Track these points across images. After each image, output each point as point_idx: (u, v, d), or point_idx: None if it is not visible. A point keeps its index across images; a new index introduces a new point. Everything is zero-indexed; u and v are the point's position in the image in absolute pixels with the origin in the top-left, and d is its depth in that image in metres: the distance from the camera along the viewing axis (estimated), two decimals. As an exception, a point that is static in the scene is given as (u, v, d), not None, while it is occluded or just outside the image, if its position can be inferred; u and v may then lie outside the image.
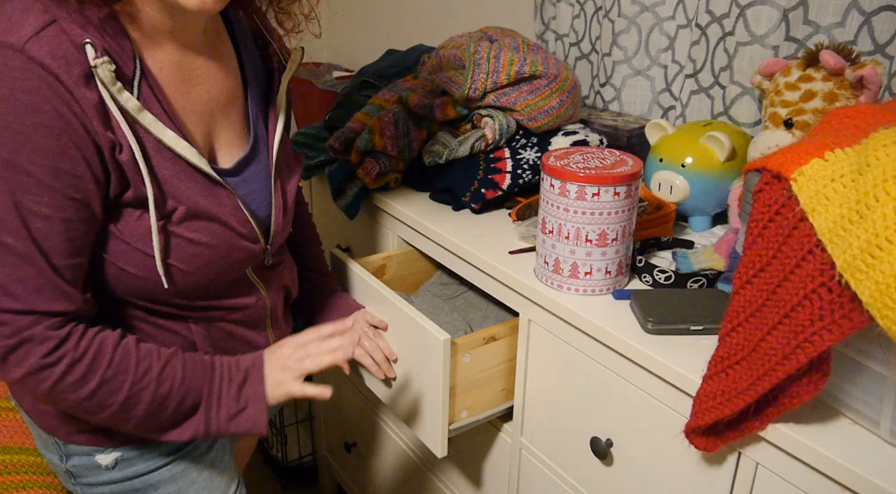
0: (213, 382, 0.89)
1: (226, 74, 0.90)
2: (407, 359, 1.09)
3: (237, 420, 0.90)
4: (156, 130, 0.78)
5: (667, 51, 1.42)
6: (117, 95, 0.74)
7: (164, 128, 0.79)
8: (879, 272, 0.58)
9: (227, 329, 0.95)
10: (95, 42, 0.73)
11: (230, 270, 0.91)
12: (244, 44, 0.94)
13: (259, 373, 0.93)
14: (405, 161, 1.32)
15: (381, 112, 1.33)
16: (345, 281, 1.24)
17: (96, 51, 0.72)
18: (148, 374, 0.83)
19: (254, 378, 0.92)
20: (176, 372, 0.86)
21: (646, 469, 0.92)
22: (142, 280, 0.83)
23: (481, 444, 1.24)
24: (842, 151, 0.67)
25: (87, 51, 0.72)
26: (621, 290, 0.99)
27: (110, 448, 0.93)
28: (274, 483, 2.09)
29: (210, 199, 0.84)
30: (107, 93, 0.74)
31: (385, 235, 1.39)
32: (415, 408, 1.11)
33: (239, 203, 0.88)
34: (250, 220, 0.90)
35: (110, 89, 0.74)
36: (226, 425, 0.90)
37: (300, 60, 0.98)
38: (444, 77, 1.31)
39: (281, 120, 0.95)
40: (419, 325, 1.03)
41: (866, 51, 1.11)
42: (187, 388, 0.87)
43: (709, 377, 0.76)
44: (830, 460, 0.69)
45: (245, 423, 0.90)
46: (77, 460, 0.94)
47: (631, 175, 0.92)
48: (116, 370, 0.81)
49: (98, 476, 0.95)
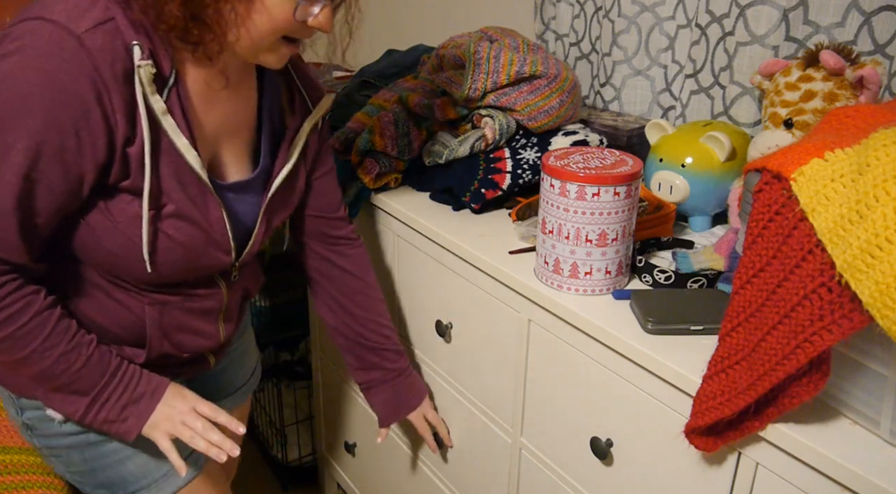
0: (108, 387, 0.94)
1: (244, 105, 0.98)
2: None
3: (111, 425, 0.95)
4: (172, 135, 0.86)
5: (667, 51, 1.42)
6: (149, 96, 0.82)
7: (179, 134, 0.86)
8: (879, 272, 0.58)
9: (179, 317, 1.00)
10: (144, 44, 0.81)
11: (196, 271, 0.98)
12: (270, 81, 1.01)
13: (153, 402, 0.97)
14: (405, 161, 1.32)
15: (381, 112, 1.33)
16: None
17: (143, 53, 0.81)
18: (52, 349, 0.88)
19: (146, 403, 0.97)
20: (77, 359, 0.90)
21: (646, 469, 0.92)
22: (115, 257, 0.90)
23: (481, 444, 1.24)
24: (842, 151, 0.67)
25: (134, 51, 0.80)
26: (621, 290, 0.99)
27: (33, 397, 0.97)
28: (274, 483, 2.09)
29: (199, 206, 0.92)
30: (140, 93, 0.82)
31: (385, 235, 1.39)
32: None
33: (224, 215, 0.95)
34: (228, 233, 0.97)
35: (145, 89, 0.82)
36: (99, 424, 0.95)
37: (328, 107, 1.06)
38: (444, 77, 1.31)
39: (293, 159, 1.02)
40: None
41: (866, 51, 1.11)
42: (79, 377, 0.91)
43: (709, 377, 0.76)
44: (830, 460, 0.69)
45: (117, 430, 0.96)
46: (31, 413, 0.99)
47: (631, 175, 0.92)
48: (27, 332, 0.86)
49: (51, 429, 0.99)
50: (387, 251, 1.39)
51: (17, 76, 0.77)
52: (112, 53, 0.79)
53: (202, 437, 0.97)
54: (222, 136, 0.96)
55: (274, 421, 2.04)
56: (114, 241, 0.88)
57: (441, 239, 1.19)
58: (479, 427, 1.23)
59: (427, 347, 1.34)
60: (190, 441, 0.97)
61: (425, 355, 1.35)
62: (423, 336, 1.34)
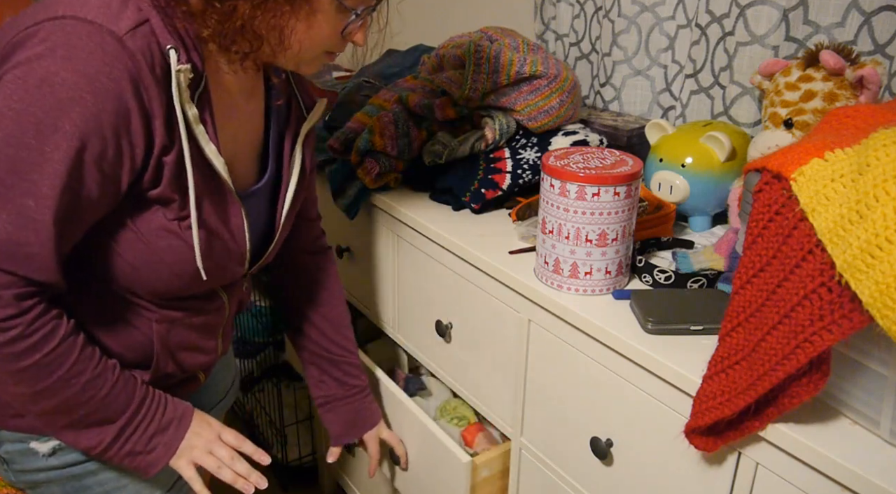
0: (138, 415, 0.90)
1: (255, 110, 0.97)
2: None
3: (135, 458, 0.91)
4: (203, 142, 0.83)
5: (667, 51, 1.42)
6: (185, 102, 0.79)
7: (209, 141, 0.84)
8: (879, 272, 0.58)
9: (184, 335, 0.97)
10: (179, 48, 0.78)
11: (210, 284, 0.95)
12: (276, 88, 1.00)
13: (182, 430, 0.94)
14: (405, 161, 1.32)
15: (381, 112, 1.33)
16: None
17: (179, 57, 0.78)
18: (79, 376, 0.84)
19: (173, 431, 0.93)
20: (104, 385, 0.86)
21: (646, 469, 0.92)
22: (134, 269, 0.86)
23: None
24: (842, 151, 0.67)
25: (171, 55, 0.77)
26: (621, 290, 0.99)
27: (48, 435, 0.92)
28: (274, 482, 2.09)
29: (221, 215, 0.90)
30: (178, 99, 0.78)
31: (385, 235, 1.39)
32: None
33: (245, 223, 0.93)
34: (247, 243, 0.95)
35: (182, 95, 0.79)
36: (122, 458, 0.90)
37: (322, 112, 1.05)
38: (444, 77, 1.31)
39: (297, 164, 1.01)
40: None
41: (866, 51, 1.11)
42: (104, 405, 0.87)
43: (709, 377, 0.76)
44: (830, 460, 0.69)
45: (140, 463, 0.92)
46: (10, 446, 0.93)
47: (631, 175, 0.92)
48: (53, 358, 0.81)
49: (34, 463, 0.93)
50: (387, 251, 1.39)
51: (54, 79, 0.72)
52: (152, 57, 0.76)
53: (229, 467, 0.94)
54: (236, 143, 0.95)
55: (274, 421, 2.04)
56: (135, 253, 0.85)
57: (441, 239, 1.19)
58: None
59: (427, 347, 1.34)
60: (216, 471, 0.94)
61: (425, 355, 1.35)
62: (423, 336, 1.34)
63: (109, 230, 0.84)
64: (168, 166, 0.81)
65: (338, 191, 1.39)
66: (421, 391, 1.47)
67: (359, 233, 1.48)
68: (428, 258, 1.26)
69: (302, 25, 0.82)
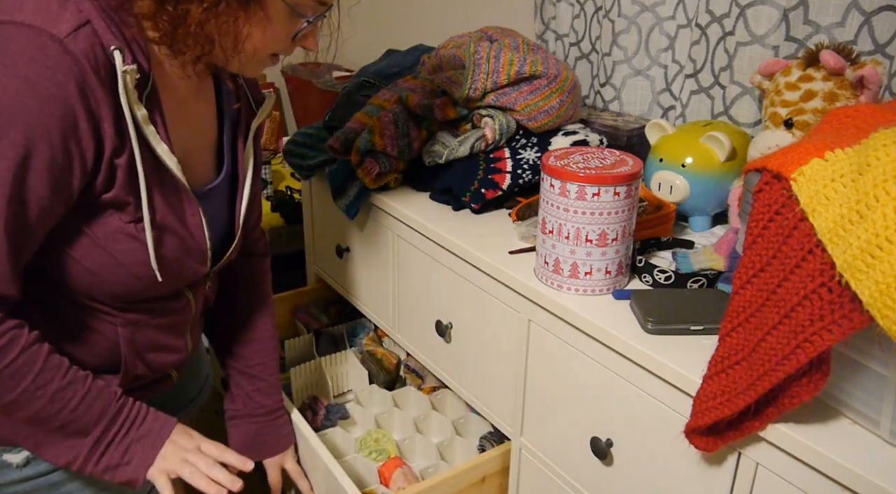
0: (113, 426, 0.89)
1: (206, 108, 0.96)
2: None
3: (115, 471, 0.90)
4: (154, 142, 0.82)
5: (667, 51, 1.42)
6: (133, 103, 0.78)
7: (160, 141, 0.83)
8: (879, 272, 0.58)
9: (151, 335, 0.96)
10: (123, 49, 0.76)
11: (175, 283, 0.94)
12: (224, 83, 0.99)
13: (161, 439, 0.93)
14: (405, 161, 1.32)
15: (381, 112, 1.33)
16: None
17: (124, 58, 0.76)
18: (45, 387, 0.82)
19: (151, 441, 0.92)
20: (73, 396, 0.85)
21: (646, 469, 0.92)
22: (92, 274, 0.85)
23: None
24: (842, 151, 0.67)
25: (115, 56, 0.75)
26: (621, 290, 0.99)
27: (20, 446, 0.90)
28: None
29: (178, 214, 0.89)
30: (125, 100, 0.77)
31: (385, 235, 1.39)
32: None
33: (203, 221, 0.92)
34: (206, 241, 0.94)
35: (129, 97, 0.77)
36: (101, 472, 0.89)
37: (271, 107, 1.03)
38: (444, 77, 1.31)
39: (251, 159, 1.00)
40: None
41: (866, 51, 1.11)
42: (76, 417, 0.86)
43: (709, 377, 0.76)
44: (830, 460, 0.69)
45: (120, 476, 0.91)
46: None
47: (631, 175, 0.92)
48: (15, 370, 0.79)
49: (8, 476, 0.91)
50: (387, 251, 1.39)
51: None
52: (96, 59, 0.74)
53: (205, 474, 0.93)
54: (189, 141, 0.93)
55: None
56: (92, 258, 0.83)
57: (441, 239, 1.19)
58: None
59: (427, 347, 1.34)
60: (189, 477, 0.92)
61: (425, 355, 1.35)
62: (423, 336, 1.34)
63: (65, 237, 0.82)
64: (121, 168, 0.80)
65: (338, 191, 1.39)
66: (343, 420, 1.38)
67: (359, 232, 1.48)
68: (428, 258, 1.26)
69: (255, 30, 0.82)
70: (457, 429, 1.32)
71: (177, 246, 0.90)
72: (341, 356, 1.55)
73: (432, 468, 1.24)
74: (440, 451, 1.28)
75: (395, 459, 1.25)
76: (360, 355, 1.55)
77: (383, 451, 1.31)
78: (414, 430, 1.35)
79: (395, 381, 1.56)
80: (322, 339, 1.62)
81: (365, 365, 1.52)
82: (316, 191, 1.64)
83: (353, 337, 1.64)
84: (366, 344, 1.57)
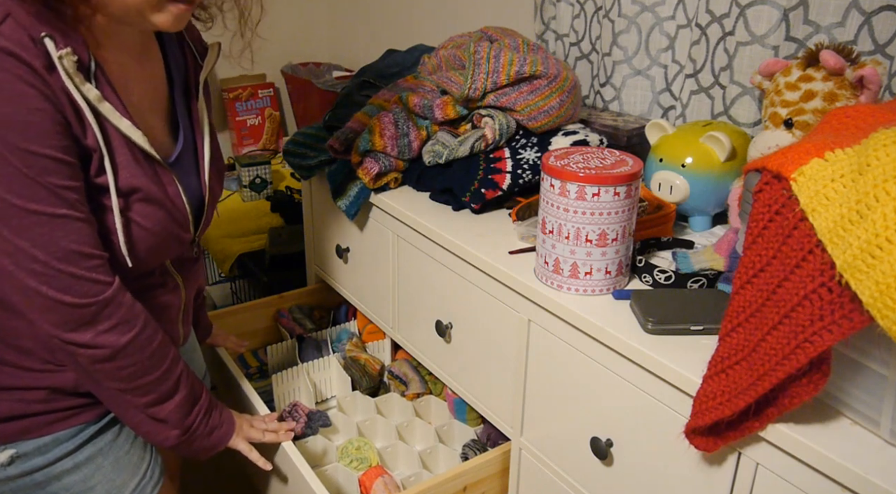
0: (208, 393, 1.04)
1: (155, 74, 0.95)
2: None
3: (216, 432, 1.05)
4: (114, 119, 0.83)
5: (667, 51, 1.42)
6: (80, 85, 0.78)
7: (120, 117, 0.83)
8: (879, 272, 0.58)
9: None
10: (53, 34, 0.75)
11: (164, 255, 0.97)
12: (169, 42, 0.99)
13: (228, 410, 1.10)
14: (405, 161, 1.32)
15: (381, 112, 1.33)
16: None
17: (56, 43, 0.75)
18: (167, 354, 0.95)
19: (225, 409, 1.09)
20: (180, 360, 0.99)
21: (646, 469, 0.92)
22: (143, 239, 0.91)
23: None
24: (842, 151, 0.67)
25: (46, 43, 0.75)
26: (621, 290, 0.99)
27: (3, 445, 0.91)
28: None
29: (159, 186, 0.91)
30: (71, 83, 0.77)
31: (385, 235, 1.39)
32: None
33: (180, 190, 0.94)
34: (186, 207, 0.96)
35: (74, 79, 0.77)
36: (208, 433, 1.04)
37: (217, 57, 1.02)
38: (444, 77, 1.31)
39: (205, 116, 1.01)
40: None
41: (866, 51, 1.11)
42: (196, 380, 1.01)
43: (709, 377, 0.76)
44: (830, 460, 0.69)
45: (217, 438, 1.06)
46: None
47: (631, 175, 0.92)
48: (160, 344, 0.94)
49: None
50: (387, 251, 1.39)
51: None
52: (27, 49, 0.73)
53: (272, 432, 1.16)
54: (147, 111, 0.93)
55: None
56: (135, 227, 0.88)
57: (441, 239, 1.19)
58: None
59: (427, 347, 1.34)
60: (261, 438, 1.13)
61: (425, 355, 1.35)
62: (424, 336, 1.34)
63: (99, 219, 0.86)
64: (91, 149, 0.81)
65: (338, 191, 1.39)
66: (325, 427, 1.37)
67: (359, 233, 1.48)
68: (428, 258, 1.26)
69: None
70: (440, 437, 1.31)
71: (161, 216, 0.91)
72: (324, 361, 1.54)
73: (414, 477, 1.24)
74: (423, 459, 1.27)
75: (376, 468, 1.25)
76: (343, 361, 1.55)
77: (365, 459, 1.31)
78: (397, 438, 1.34)
79: (379, 387, 1.56)
80: (305, 345, 1.61)
81: (348, 371, 1.52)
82: (316, 191, 1.64)
83: (336, 342, 1.63)
84: (349, 350, 1.57)
